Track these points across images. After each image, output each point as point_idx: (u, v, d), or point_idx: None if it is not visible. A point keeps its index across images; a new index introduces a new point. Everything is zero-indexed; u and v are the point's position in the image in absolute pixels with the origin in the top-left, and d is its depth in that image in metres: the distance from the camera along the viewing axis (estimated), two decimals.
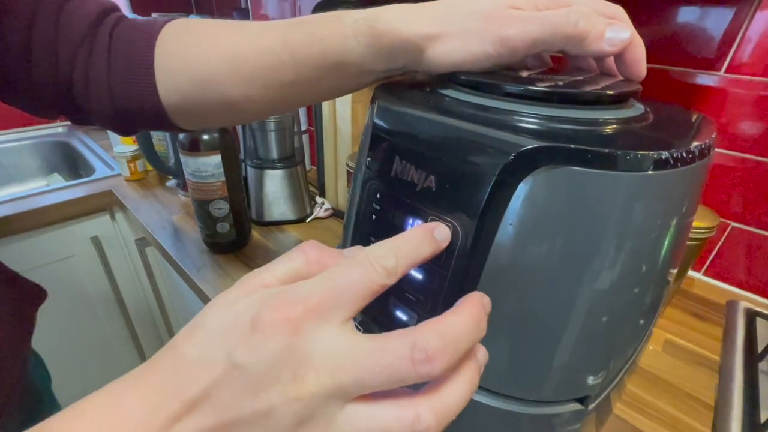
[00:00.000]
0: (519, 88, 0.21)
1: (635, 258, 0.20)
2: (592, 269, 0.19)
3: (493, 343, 0.22)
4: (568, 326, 0.21)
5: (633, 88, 0.22)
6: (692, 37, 0.51)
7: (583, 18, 0.21)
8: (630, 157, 0.17)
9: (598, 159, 0.17)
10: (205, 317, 0.15)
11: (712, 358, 0.47)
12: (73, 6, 0.29)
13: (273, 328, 0.13)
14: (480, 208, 0.19)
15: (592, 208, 0.18)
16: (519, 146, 0.18)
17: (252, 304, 0.14)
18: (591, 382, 0.24)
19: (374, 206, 0.24)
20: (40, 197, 0.82)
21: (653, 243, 0.20)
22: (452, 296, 0.21)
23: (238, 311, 0.14)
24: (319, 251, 0.17)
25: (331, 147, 0.72)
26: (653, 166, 0.17)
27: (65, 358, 0.91)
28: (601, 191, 0.18)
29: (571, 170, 0.17)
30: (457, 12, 0.24)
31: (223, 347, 0.14)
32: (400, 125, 0.22)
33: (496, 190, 0.18)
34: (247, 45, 0.28)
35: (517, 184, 0.18)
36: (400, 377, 0.13)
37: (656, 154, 0.17)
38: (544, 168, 0.18)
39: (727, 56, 0.49)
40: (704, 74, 0.52)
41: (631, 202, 0.18)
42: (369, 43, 0.26)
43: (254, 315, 0.14)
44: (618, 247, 0.19)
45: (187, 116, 0.32)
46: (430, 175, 0.20)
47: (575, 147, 0.17)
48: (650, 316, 0.25)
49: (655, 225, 0.19)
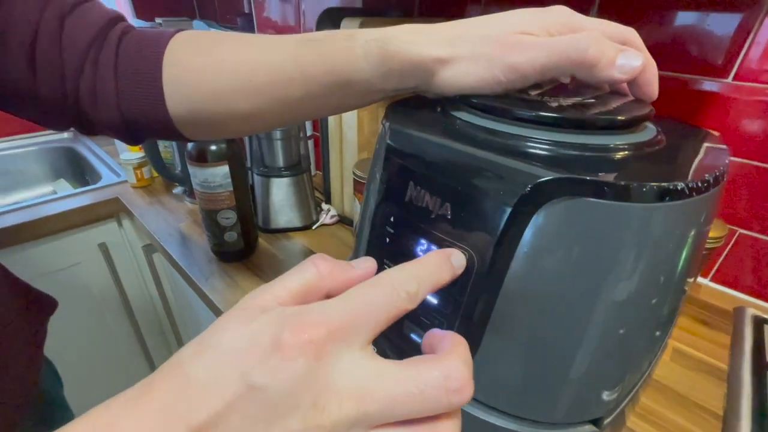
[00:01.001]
0: (531, 113, 0.22)
1: (650, 283, 0.20)
2: (608, 296, 0.19)
3: (506, 365, 0.23)
4: (582, 350, 0.21)
5: (645, 112, 0.23)
6: (699, 44, 0.51)
7: (594, 44, 0.21)
8: (646, 189, 0.17)
9: (615, 191, 0.17)
10: (216, 335, 0.14)
11: (720, 367, 0.47)
12: (77, 17, 0.29)
13: (294, 350, 0.13)
14: (496, 238, 0.19)
15: (608, 238, 0.18)
16: (536, 177, 0.18)
17: (270, 324, 0.14)
18: (606, 398, 0.24)
19: (388, 229, 0.24)
20: (47, 205, 0.82)
21: (669, 268, 0.20)
22: (467, 321, 0.21)
23: (254, 330, 0.14)
24: (330, 264, 0.17)
25: (337, 154, 0.72)
26: (669, 197, 0.17)
27: (75, 364, 0.91)
28: (616, 221, 0.18)
29: (588, 201, 0.18)
30: (468, 35, 0.24)
31: (237, 368, 0.13)
32: (414, 149, 0.23)
33: (512, 220, 0.19)
34: (257, 60, 0.28)
35: (533, 214, 0.19)
36: (431, 407, 0.13)
37: (672, 185, 0.17)
38: (560, 198, 0.18)
39: (734, 63, 0.49)
40: (711, 81, 0.51)
41: (647, 231, 0.18)
42: (379, 63, 0.26)
43: (275, 335, 0.13)
44: (632, 274, 0.19)
45: (196, 128, 0.32)
46: (445, 202, 0.21)
47: (591, 179, 0.17)
48: (665, 330, 0.25)
49: (672, 251, 0.20)
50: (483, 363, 0.23)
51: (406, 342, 0.24)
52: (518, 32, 0.23)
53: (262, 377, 0.13)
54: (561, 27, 0.23)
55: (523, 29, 0.23)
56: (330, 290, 0.17)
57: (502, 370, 0.23)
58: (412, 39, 0.25)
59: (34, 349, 0.41)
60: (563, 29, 0.23)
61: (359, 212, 0.50)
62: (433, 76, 0.25)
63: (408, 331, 0.24)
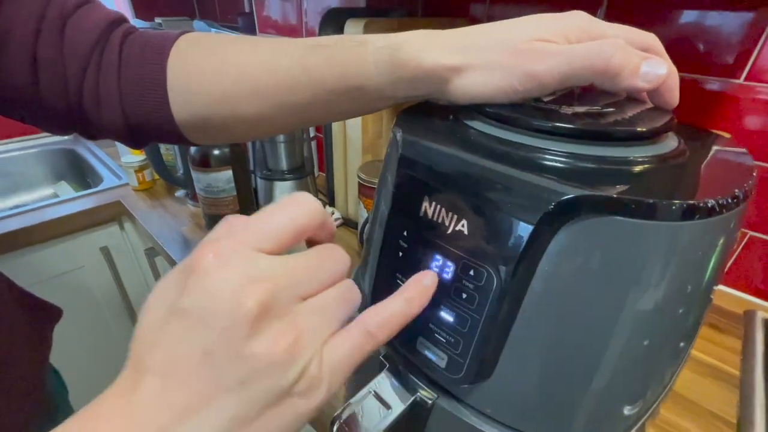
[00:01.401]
0: (549, 124, 0.21)
1: (679, 301, 0.19)
2: (635, 315, 0.19)
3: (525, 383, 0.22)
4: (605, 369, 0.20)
5: (667, 121, 0.22)
6: (709, 43, 0.50)
7: (617, 52, 0.20)
8: (676, 207, 0.16)
9: (643, 209, 0.16)
10: (146, 303, 0.16)
11: (731, 372, 0.46)
12: (79, 19, 0.28)
13: (203, 263, 0.14)
14: (517, 257, 0.18)
15: (635, 257, 0.18)
16: (561, 194, 0.17)
17: (175, 271, 0.15)
18: (627, 413, 0.23)
19: (401, 243, 0.23)
20: (48, 209, 0.82)
21: (697, 284, 0.20)
22: (485, 339, 0.21)
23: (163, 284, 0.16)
24: (240, 219, 0.17)
25: (341, 156, 0.71)
26: (700, 215, 0.17)
27: (79, 368, 0.91)
28: (645, 240, 0.17)
29: (615, 220, 0.17)
30: (483, 42, 0.23)
31: (162, 306, 0.15)
32: (429, 162, 0.22)
33: (534, 238, 0.18)
34: (264, 64, 0.28)
35: (555, 232, 0.18)
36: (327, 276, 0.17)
37: (703, 203, 0.17)
38: (585, 216, 0.17)
39: (746, 64, 0.48)
40: (722, 82, 0.50)
41: (676, 249, 0.18)
42: (390, 71, 0.25)
43: (184, 266, 0.15)
44: (661, 292, 0.19)
45: (201, 133, 0.32)
46: (462, 218, 0.20)
47: (618, 197, 0.16)
48: (689, 343, 0.25)
49: (701, 267, 0.19)
50: (500, 381, 0.22)
51: (420, 359, 0.23)
52: (535, 39, 0.22)
53: (188, 299, 0.14)
54: (580, 33, 0.22)
55: (540, 36, 0.22)
56: None
57: (520, 388, 0.22)
58: (424, 46, 0.24)
59: (39, 359, 0.41)
60: (582, 35, 0.22)
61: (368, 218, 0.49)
62: (445, 84, 0.24)
63: (422, 348, 0.23)
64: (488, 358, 0.21)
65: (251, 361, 0.14)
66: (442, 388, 0.25)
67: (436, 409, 0.25)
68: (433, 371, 0.23)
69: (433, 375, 0.24)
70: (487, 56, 0.23)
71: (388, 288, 0.22)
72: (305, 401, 0.15)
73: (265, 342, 0.14)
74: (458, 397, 0.24)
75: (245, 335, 0.14)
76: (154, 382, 0.14)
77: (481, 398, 0.23)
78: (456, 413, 0.24)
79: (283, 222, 0.16)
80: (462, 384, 0.22)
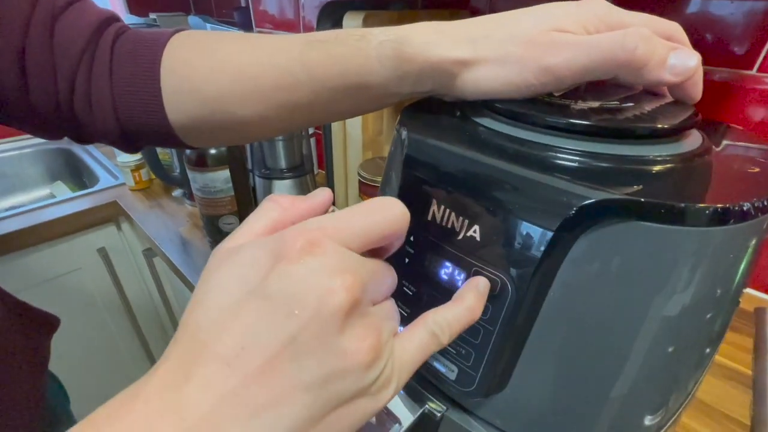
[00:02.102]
0: (565, 121, 0.19)
1: (708, 307, 0.18)
2: (662, 324, 0.18)
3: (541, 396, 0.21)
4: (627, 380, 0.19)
5: (691, 116, 0.20)
6: (720, 33, 0.48)
7: (642, 42, 0.18)
8: (708, 212, 0.15)
9: (672, 214, 0.15)
10: (206, 286, 0.14)
11: (743, 372, 0.45)
12: (68, 19, 0.27)
13: (298, 253, 0.13)
14: (534, 266, 0.17)
15: (662, 264, 0.16)
16: (583, 198, 0.16)
17: (259, 247, 0.14)
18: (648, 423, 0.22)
19: (407, 249, 0.22)
20: (44, 210, 0.80)
21: (728, 290, 0.18)
22: (498, 351, 0.19)
23: (243, 259, 0.14)
24: (289, 197, 0.17)
25: (341, 154, 0.70)
26: (733, 219, 0.15)
27: (79, 373, 0.90)
28: (673, 246, 0.16)
29: (640, 225, 0.16)
30: (495, 34, 0.21)
31: (243, 288, 0.13)
32: (437, 162, 0.20)
33: (552, 245, 0.17)
34: (261, 63, 0.26)
35: (576, 238, 0.17)
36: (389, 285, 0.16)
37: (736, 206, 0.15)
38: (608, 220, 0.16)
39: (759, 54, 0.47)
40: (734, 73, 0.49)
41: (705, 255, 0.16)
42: (395, 66, 0.24)
43: (273, 249, 0.13)
44: (691, 299, 0.17)
45: (198, 135, 0.30)
46: (473, 224, 0.19)
47: (647, 201, 0.15)
48: (715, 348, 0.23)
49: (732, 273, 0.18)
50: (514, 393, 0.21)
51: (429, 371, 0.22)
52: (551, 29, 0.20)
53: (276, 283, 0.13)
54: (599, 23, 0.20)
55: (556, 26, 0.20)
56: (295, 221, 0.16)
57: (535, 400, 0.21)
58: (431, 38, 0.23)
59: (37, 370, 0.40)
60: (601, 25, 0.20)
61: None
62: (453, 79, 0.23)
63: (432, 360, 0.22)
64: (502, 370, 0.20)
65: (340, 357, 0.13)
66: (451, 400, 0.23)
67: (445, 422, 0.24)
68: (442, 383, 0.22)
69: (442, 387, 0.23)
70: (500, 49, 0.21)
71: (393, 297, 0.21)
72: (374, 401, 0.14)
73: (354, 339, 0.13)
74: (468, 410, 0.23)
75: (337, 329, 0.13)
76: (218, 373, 0.12)
77: (492, 411, 0.22)
78: (466, 426, 0.23)
79: (374, 224, 0.15)
80: (473, 397, 0.21)
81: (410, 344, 0.16)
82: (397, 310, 0.16)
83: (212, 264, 0.14)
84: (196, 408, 0.11)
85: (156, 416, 0.11)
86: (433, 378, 0.23)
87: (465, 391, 0.21)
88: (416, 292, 0.22)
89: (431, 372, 0.22)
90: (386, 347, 0.15)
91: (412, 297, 0.23)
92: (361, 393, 0.14)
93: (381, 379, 0.14)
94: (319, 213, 0.17)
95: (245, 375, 0.12)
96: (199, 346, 0.12)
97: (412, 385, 0.24)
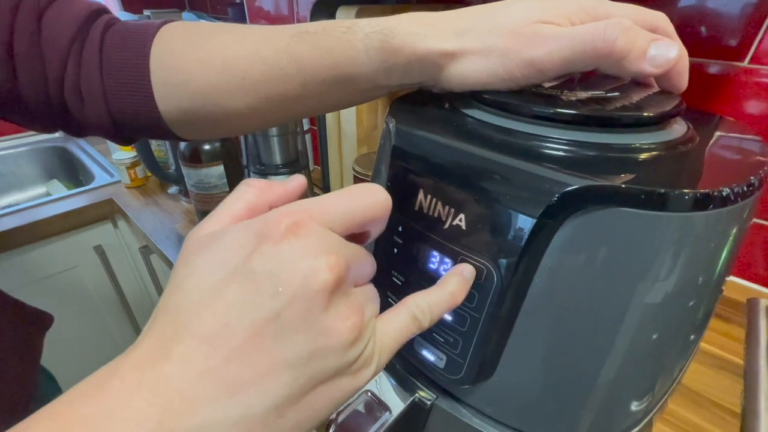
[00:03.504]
0: (551, 110, 0.20)
1: (691, 293, 0.18)
2: (645, 310, 0.18)
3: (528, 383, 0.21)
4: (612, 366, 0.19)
5: (676, 106, 0.20)
6: (712, 25, 0.48)
7: (622, 33, 0.19)
8: (688, 197, 0.15)
9: (653, 200, 0.15)
10: (185, 270, 0.14)
11: (734, 361, 0.46)
12: (56, 11, 0.27)
13: (283, 233, 0.13)
14: (518, 252, 0.17)
15: (644, 249, 0.17)
16: (565, 185, 0.16)
17: (243, 229, 0.14)
18: (635, 408, 0.23)
19: (396, 239, 0.22)
20: (40, 209, 0.80)
21: (710, 276, 0.19)
22: (485, 338, 0.20)
23: (226, 242, 0.14)
24: (263, 180, 0.17)
25: (336, 149, 0.70)
26: (713, 204, 0.16)
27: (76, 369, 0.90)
28: (654, 232, 0.16)
29: (622, 211, 0.16)
30: (480, 26, 0.22)
31: (229, 265, 0.13)
32: (424, 153, 0.21)
33: (536, 232, 0.17)
34: (250, 55, 0.26)
35: (559, 225, 0.17)
36: None
37: (717, 192, 0.16)
38: (590, 207, 0.16)
39: (751, 46, 0.47)
40: (726, 65, 0.49)
41: (688, 241, 0.17)
42: (382, 59, 0.24)
43: (256, 230, 0.13)
44: (672, 285, 0.18)
45: (188, 127, 0.31)
46: (459, 213, 0.19)
47: (628, 187, 0.15)
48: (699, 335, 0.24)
49: (714, 259, 0.18)
50: (501, 380, 0.21)
51: (418, 360, 0.22)
52: (536, 21, 0.20)
53: (260, 262, 0.13)
54: (584, 14, 0.20)
55: (541, 18, 0.20)
56: (272, 203, 0.16)
57: (523, 387, 0.21)
58: (417, 30, 0.23)
59: (29, 366, 0.40)
60: (587, 17, 0.20)
61: None
62: (440, 71, 0.23)
63: (420, 348, 0.22)
64: (489, 357, 0.20)
65: (323, 335, 0.13)
66: (441, 388, 0.24)
67: (435, 410, 0.24)
68: (431, 372, 0.22)
69: (431, 375, 0.23)
70: (484, 41, 0.21)
71: (383, 285, 0.21)
72: (354, 380, 0.15)
73: (338, 317, 0.14)
74: (458, 398, 0.23)
75: (321, 308, 0.13)
76: (197, 350, 0.12)
77: (481, 398, 0.23)
78: (456, 414, 0.23)
79: (357, 208, 0.15)
80: (462, 384, 0.21)
81: (391, 326, 0.16)
82: (378, 294, 0.17)
83: (192, 248, 0.14)
84: (172, 384, 0.11)
85: (132, 393, 0.11)
86: (422, 367, 0.23)
87: (453, 378, 0.21)
88: (404, 281, 0.23)
89: (421, 361, 0.22)
90: (368, 327, 0.15)
91: (400, 286, 0.23)
92: (342, 371, 0.14)
93: (362, 358, 0.14)
94: (294, 198, 0.17)
95: (227, 352, 0.12)
96: (180, 325, 0.12)
97: (402, 374, 0.24)
